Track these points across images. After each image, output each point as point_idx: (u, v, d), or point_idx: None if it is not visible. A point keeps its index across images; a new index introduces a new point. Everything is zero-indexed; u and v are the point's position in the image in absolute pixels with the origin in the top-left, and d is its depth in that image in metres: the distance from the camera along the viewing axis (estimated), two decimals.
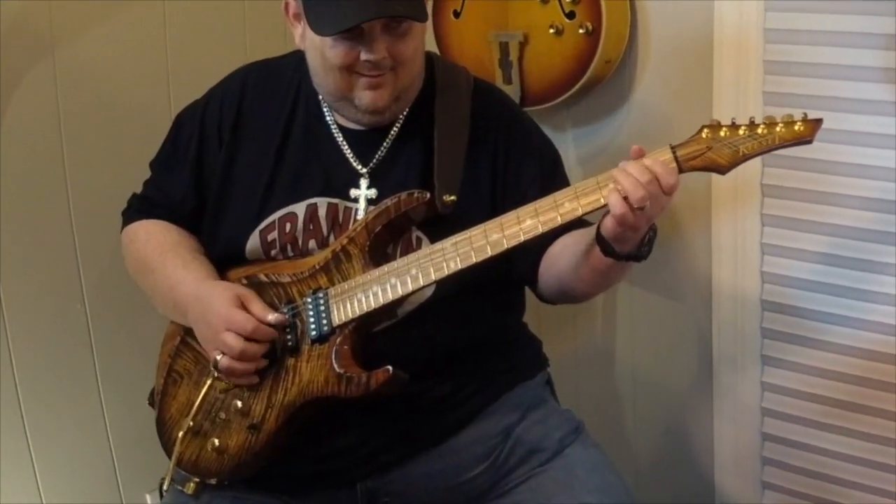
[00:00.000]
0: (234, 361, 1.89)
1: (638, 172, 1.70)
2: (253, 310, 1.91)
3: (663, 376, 2.79)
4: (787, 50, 2.35)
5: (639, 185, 1.69)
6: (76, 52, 2.52)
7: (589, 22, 2.43)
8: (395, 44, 1.89)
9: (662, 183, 1.71)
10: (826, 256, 2.41)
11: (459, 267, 1.83)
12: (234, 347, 1.88)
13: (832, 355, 2.46)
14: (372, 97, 1.93)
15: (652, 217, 1.75)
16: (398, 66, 1.91)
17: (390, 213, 1.92)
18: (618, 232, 1.75)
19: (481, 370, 2.06)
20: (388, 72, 1.91)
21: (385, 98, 1.94)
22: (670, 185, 1.71)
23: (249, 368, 1.91)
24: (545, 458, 2.03)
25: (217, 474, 2.00)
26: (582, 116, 2.72)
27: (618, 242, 1.78)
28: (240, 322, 1.88)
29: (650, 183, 1.70)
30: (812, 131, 1.70)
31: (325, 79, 1.96)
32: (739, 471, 2.69)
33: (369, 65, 1.89)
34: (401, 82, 1.94)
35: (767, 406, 2.60)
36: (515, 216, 1.82)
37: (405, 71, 1.94)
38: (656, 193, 1.71)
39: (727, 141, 1.73)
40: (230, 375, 1.93)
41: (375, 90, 1.92)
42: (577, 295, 2.02)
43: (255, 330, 1.88)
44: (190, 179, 2.11)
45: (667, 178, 1.71)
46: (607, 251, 1.81)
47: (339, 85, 1.93)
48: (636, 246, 1.80)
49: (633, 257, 1.82)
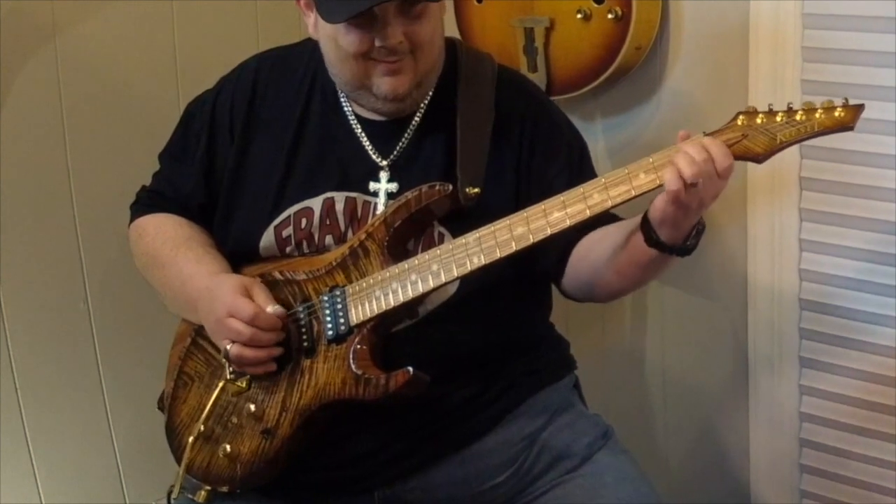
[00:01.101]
0: (244, 348, 1.87)
1: (695, 151, 1.69)
2: (255, 298, 1.90)
3: (696, 379, 2.77)
4: (827, 36, 2.32)
5: (693, 162, 1.68)
6: (79, 39, 2.53)
7: (618, 7, 2.41)
8: (410, 27, 1.87)
9: (717, 164, 1.69)
10: (868, 253, 2.37)
11: (483, 263, 1.81)
12: (240, 333, 1.86)
13: (874, 357, 2.41)
14: (392, 84, 1.90)
15: (705, 202, 1.73)
16: (416, 49, 1.89)
17: (411, 206, 1.90)
18: (668, 213, 1.72)
19: (506, 372, 2.04)
20: (407, 56, 1.89)
21: (406, 84, 1.91)
22: (725, 168, 1.69)
23: (261, 355, 1.89)
24: (572, 465, 2.01)
25: (229, 482, 1.97)
26: (611, 106, 2.70)
27: (665, 227, 1.75)
28: (240, 307, 1.86)
29: (706, 162, 1.68)
30: (853, 117, 1.67)
31: (340, 69, 1.94)
32: (776, 479, 2.65)
33: (385, 51, 1.87)
34: (421, 67, 1.92)
35: (806, 411, 2.56)
36: (542, 209, 1.79)
37: (424, 54, 1.91)
38: (710, 173, 1.68)
39: (764, 128, 1.70)
40: (242, 364, 1.90)
41: (395, 76, 1.90)
42: (606, 291, 1.99)
43: (255, 316, 1.86)
44: (200, 173, 2.09)
45: (722, 160, 1.69)
46: (651, 239, 1.77)
47: (356, 73, 1.91)
48: (683, 237, 1.77)
49: (678, 250, 1.79)
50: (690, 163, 1.67)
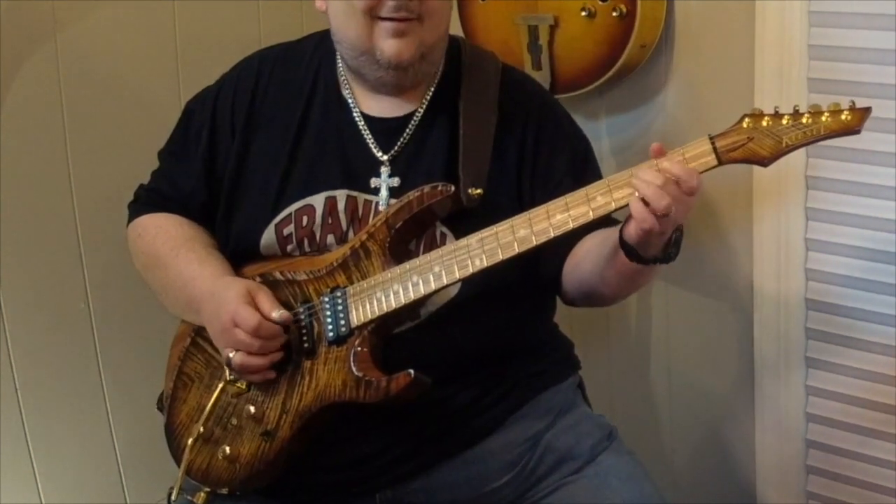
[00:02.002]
0: (247, 357, 1.87)
1: (653, 177, 1.68)
2: (260, 306, 1.88)
3: (701, 379, 2.76)
4: (834, 34, 2.31)
5: (660, 192, 1.66)
6: (80, 35, 2.51)
7: (623, 4, 2.40)
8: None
9: (683, 186, 1.68)
10: (874, 252, 2.37)
11: (485, 265, 1.80)
12: (244, 343, 1.86)
13: (881, 357, 2.41)
14: (396, 47, 1.89)
15: (677, 221, 1.72)
16: (424, 15, 1.89)
17: (412, 206, 1.89)
18: (641, 238, 1.72)
19: (509, 373, 2.03)
20: (414, 20, 1.89)
21: (410, 49, 1.90)
22: (691, 188, 1.68)
23: (264, 364, 1.89)
24: (576, 467, 2.00)
25: (228, 484, 1.97)
26: (616, 104, 2.69)
27: (642, 247, 1.75)
28: (243, 318, 1.86)
29: (668, 185, 1.67)
30: (860, 121, 1.65)
31: (346, 31, 1.92)
32: (782, 480, 2.65)
33: (394, 5, 1.86)
34: (427, 36, 1.91)
35: (812, 411, 2.56)
36: (545, 211, 1.79)
37: (431, 23, 1.91)
38: (678, 196, 1.67)
39: (770, 131, 1.69)
40: (245, 372, 1.90)
41: (400, 38, 1.89)
42: (602, 299, 2.00)
43: (259, 327, 1.85)
44: (201, 171, 2.08)
45: (688, 181, 1.68)
46: (631, 255, 1.78)
47: (361, 34, 1.90)
48: (661, 249, 1.78)
49: (660, 260, 1.79)
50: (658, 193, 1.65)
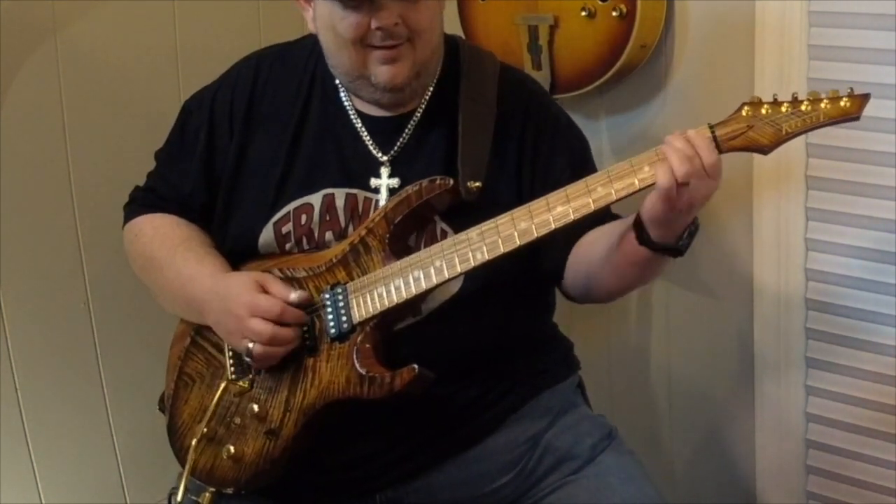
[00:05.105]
0: (268, 347, 1.86)
1: (683, 144, 1.69)
2: (274, 291, 1.88)
3: (701, 379, 2.76)
4: (834, 34, 2.31)
5: (684, 157, 1.67)
6: (80, 35, 2.51)
7: (623, 4, 2.40)
8: (407, 11, 1.85)
9: (704, 159, 1.68)
10: (874, 252, 2.37)
11: (486, 258, 1.79)
12: (263, 333, 1.84)
13: (881, 357, 2.41)
14: (390, 72, 1.89)
15: (695, 202, 1.71)
16: (414, 36, 1.88)
17: (411, 201, 1.88)
18: (659, 211, 1.71)
19: (509, 372, 2.03)
20: (405, 43, 1.87)
21: (404, 72, 1.89)
22: (710, 164, 1.68)
23: (282, 351, 1.88)
24: (576, 467, 1.99)
25: (234, 483, 1.96)
26: (616, 104, 2.70)
27: (656, 226, 1.75)
28: (265, 306, 1.85)
29: (694, 158, 1.68)
30: (859, 107, 1.65)
31: (339, 58, 1.92)
32: (782, 480, 2.65)
33: (382, 34, 1.85)
34: (419, 55, 1.90)
35: (812, 411, 2.56)
36: (545, 203, 1.78)
37: (422, 42, 1.89)
38: (698, 169, 1.68)
39: (769, 119, 1.69)
40: (267, 362, 1.89)
41: (392, 64, 1.88)
42: (604, 291, 1.98)
43: (283, 312, 1.85)
44: (199, 171, 2.07)
45: (708, 156, 1.68)
46: (642, 238, 1.77)
47: (354, 62, 1.90)
48: (674, 237, 1.76)
49: (670, 250, 1.78)
50: (682, 159, 1.66)
